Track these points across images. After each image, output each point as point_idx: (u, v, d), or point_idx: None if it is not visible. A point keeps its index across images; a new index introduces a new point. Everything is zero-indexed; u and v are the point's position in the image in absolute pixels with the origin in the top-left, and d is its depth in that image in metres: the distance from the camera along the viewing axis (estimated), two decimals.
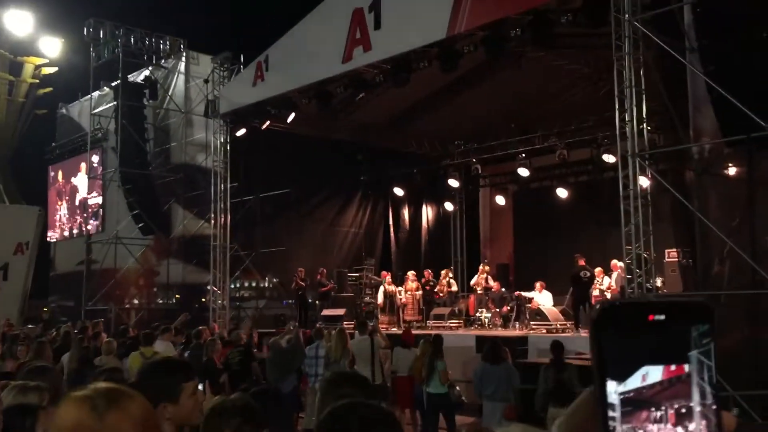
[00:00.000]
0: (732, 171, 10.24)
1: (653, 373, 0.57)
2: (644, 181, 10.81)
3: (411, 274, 18.19)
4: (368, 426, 1.70)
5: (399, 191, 21.59)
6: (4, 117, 28.37)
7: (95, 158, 24.37)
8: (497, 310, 16.72)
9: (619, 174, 10.85)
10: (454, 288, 18.54)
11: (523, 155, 18.11)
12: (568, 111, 17.35)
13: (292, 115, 17.09)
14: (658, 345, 0.57)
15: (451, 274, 18.86)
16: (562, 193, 19.00)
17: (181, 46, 22.47)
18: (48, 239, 28.22)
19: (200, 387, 3.43)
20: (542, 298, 15.68)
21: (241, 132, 18.10)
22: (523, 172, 18.23)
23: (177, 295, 22.25)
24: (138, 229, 21.19)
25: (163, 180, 21.87)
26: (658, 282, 12.81)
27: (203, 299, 20.90)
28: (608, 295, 14.70)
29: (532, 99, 17.60)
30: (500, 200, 21.25)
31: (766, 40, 8.44)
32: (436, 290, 18.32)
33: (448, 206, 21.85)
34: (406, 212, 22.69)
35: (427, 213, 22.78)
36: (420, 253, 22.19)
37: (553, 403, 8.04)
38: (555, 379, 8.56)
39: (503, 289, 17.35)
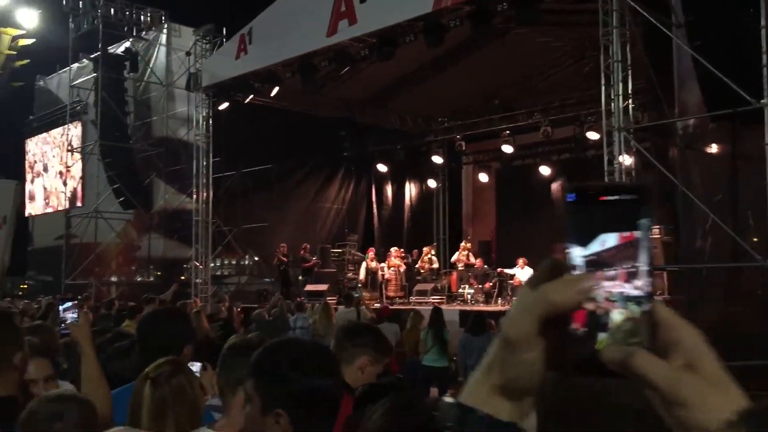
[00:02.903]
0: (716, 147, 10.33)
1: (610, 240, 0.67)
2: (627, 159, 10.88)
3: (394, 250, 18.23)
4: (297, 361, 1.72)
5: (382, 167, 21.55)
6: None
7: (75, 131, 24.04)
8: (480, 286, 16.84)
9: (604, 150, 10.91)
10: (436, 265, 18.63)
11: (507, 132, 18.14)
12: (552, 88, 17.41)
13: (276, 89, 16.94)
14: (612, 217, 0.67)
15: (433, 251, 18.94)
16: (545, 170, 19.09)
17: (162, 17, 22.13)
18: (26, 213, 27.91)
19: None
20: (524, 275, 15.78)
21: (224, 106, 17.92)
22: (507, 148, 18.28)
23: (158, 272, 22.10)
24: (118, 203, 20.97)
25: (143, 154, 21.64)
26: None
27: (182, 276, 20.79)
28: None
29: (517, 76, 17.64)
30: (483, 177, 21.31)
31: (752, 15, 8.48)
32: (417, 267, 18.41)
33: (431, 183, 21.87)
34: (389, 189, 22.67)
35: (410, 189, 22.78)
36: (402, 229, 22.22)
37: None
38: None
39: (486, 266, 17.45)
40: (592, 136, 15.86)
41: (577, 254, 0.67)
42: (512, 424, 0.68)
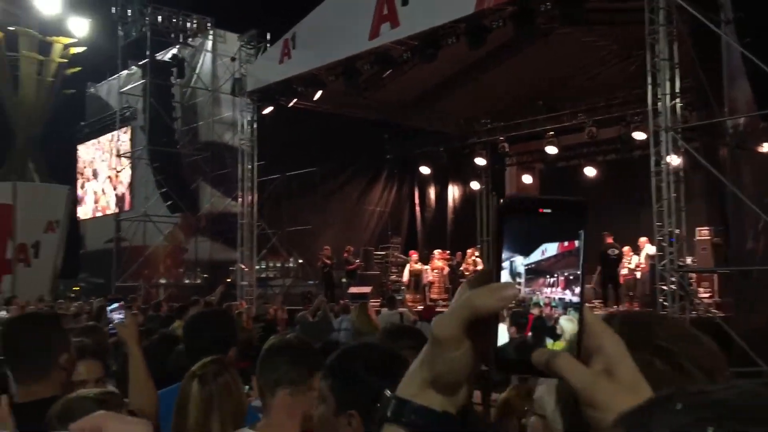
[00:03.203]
0: (767, 146, 10.06)
1: (550, 249, 0.71)
2: (675, 159, 10.65)
3: (438, 252, 18.20)
4: (373, 364, 1.74)
5: (425, 170, 21.53)
6: (33, 97, 28.64)
7: (124, 137, 24.60)
8: None
9: (651, 150, 10.70)
10: (481, 267, 18.52)
11: (551, 133, 17.96)
12: (596, 88, 17.15)
13: (319, 93, 17.05)
14: (552, 228, 0.71)
15: (477, 253, 18.86)
16: (590, 171, 18.85)
17: (208, 24, 22.51)
18: (78, 217, 28.62)
19: None
20: None
21: (268, 110, 18.11)
22: (551, 149, 18.10)
23: (205, 275, 22.44)
24: (166, 207, 21.39)
25: (190, 158, 22.04)
26: (689, 260, 12.63)
27: (228, 279, 21.05)
28: (638, 274, 14.57)
29: (560, 76, 17.42)
30: (527, 179, 21.12)
31: None
32: (461, 269, 18.33)
33: (474, 185, 21.75)
34: (432, 191, 22.66)
35: (453, 191, 22.72)
36: (446, 231, 22.17)
37: None
38: None
39: None
40: (639, 136, 15.59)
41: (519, 263, 0.71)
42: (445, 414, 0.73)
